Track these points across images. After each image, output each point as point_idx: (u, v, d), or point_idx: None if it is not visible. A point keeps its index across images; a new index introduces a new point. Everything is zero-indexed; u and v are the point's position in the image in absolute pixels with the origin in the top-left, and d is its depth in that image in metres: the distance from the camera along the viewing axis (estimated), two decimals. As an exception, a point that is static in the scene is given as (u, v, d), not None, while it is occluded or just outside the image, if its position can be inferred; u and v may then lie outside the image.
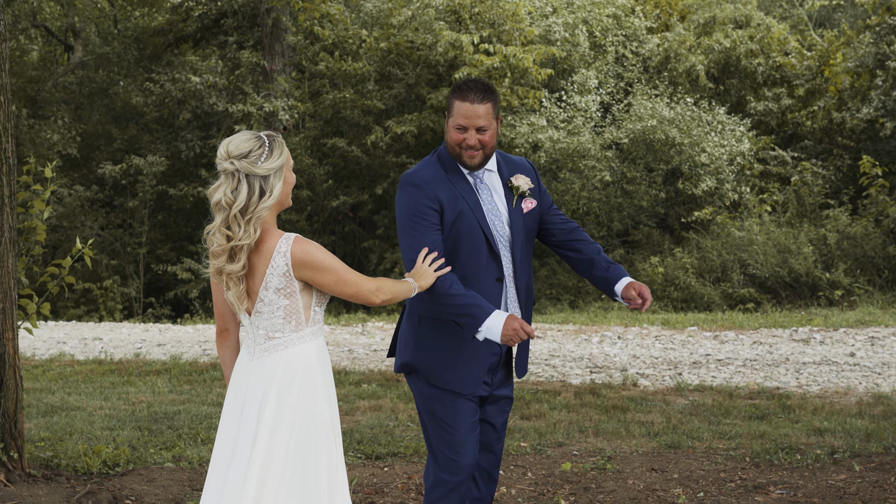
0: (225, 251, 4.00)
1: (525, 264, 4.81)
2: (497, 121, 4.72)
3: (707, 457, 7.89)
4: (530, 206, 4.82)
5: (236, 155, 3.99)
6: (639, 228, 23.41)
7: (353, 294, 4.10)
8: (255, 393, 4.03)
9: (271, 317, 4.04)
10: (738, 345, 15.13)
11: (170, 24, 27.59)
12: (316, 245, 4.06)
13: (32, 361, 13.96)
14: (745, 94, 25.62)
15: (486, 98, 4.65)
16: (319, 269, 4.02)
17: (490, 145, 4.70)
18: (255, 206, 3.98)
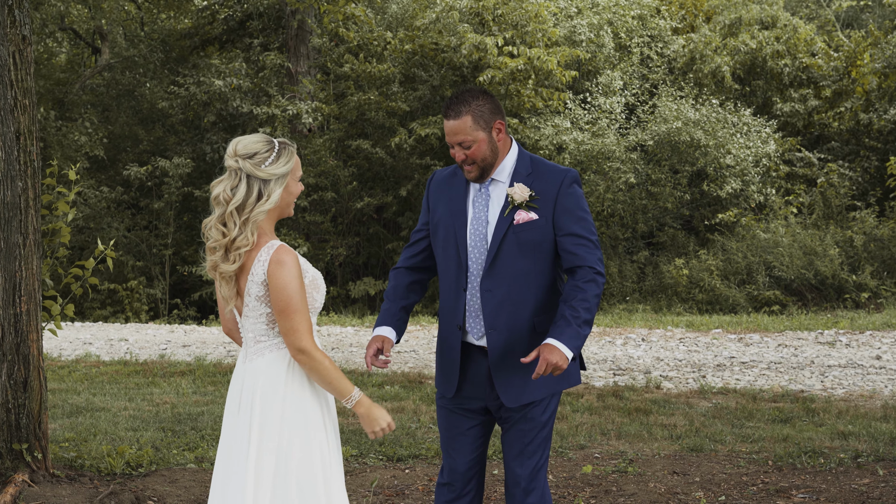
0: (220, 248, 4.01)
1: (509, 277, 4.51)
2: (488, 130, 4.50)
3: (729, 460, 7.86)
4: (526, 218, 4.50)
5: (242, 154, 4.01)
6: (664, 230, 23.35)
7: (286, 331, 3.96)
8: (247, 395, 4.05)
9: (256, 321, 4.05)
10: (763, 347, 15.05)
11: (195, 27, 27.73)
12: (293, 262, 3.98)
13: (59, 362, 14.05)
14: (771, 96, 25.50)
15: (461, 112, 4.46)
16: (276, 287, 3.95)
17: (480, 157, 4.50)
18: (251, 208, 3.98)
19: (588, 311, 4.38)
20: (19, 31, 6.25)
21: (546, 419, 4.59)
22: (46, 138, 24.59)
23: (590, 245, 4.48)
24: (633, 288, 22.10)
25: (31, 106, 6.33)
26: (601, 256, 4.50)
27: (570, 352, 4.33)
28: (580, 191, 4.56)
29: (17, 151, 6.20)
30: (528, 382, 4.51)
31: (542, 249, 4.52)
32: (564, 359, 4.30)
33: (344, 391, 4.00)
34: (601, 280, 4.45)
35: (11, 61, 6.20)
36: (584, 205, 4.56)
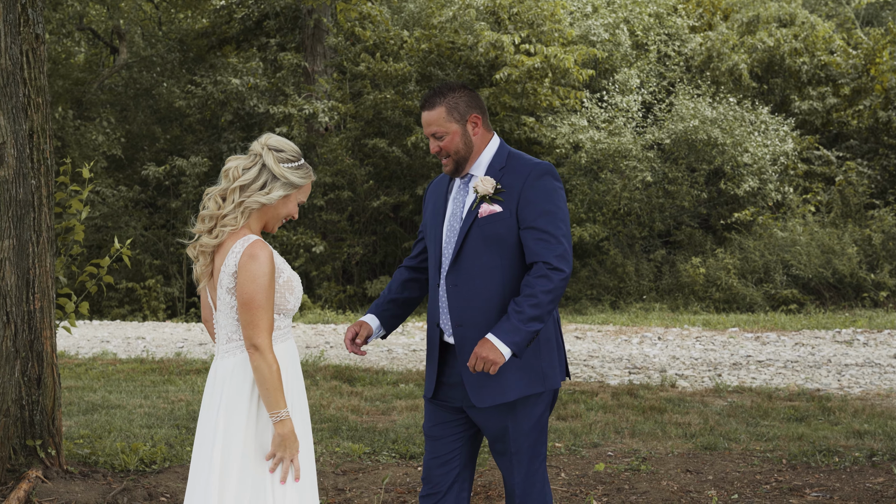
0: (212, 219, 4.04)
1: (474, 271, 4.41)
2: (462, 123, 4.44)
3: (743, 458, 7.83)
4: (489, 211, 4.39)
5: (271, 146, 4.07)
6: (681, 229, 23.29)
7: (245, 324, 3.91)
8: (215, 395, 4.05)
9: (227, 318, 4.03)
10: (780, 346, 15.00)
11: (213, 27, 27.80)
12: (265, 258, 3.95)
13: (76, 360, 14.11)
14: (789, 94, 25.39)
15: (436, 103, 4.43)
16: (244, 279, 3.93)
17: (453, 150, 4.44)
18: (250, 193, 4.02)
19: (535, 307, 4.22)
20: (32, 29, 6.28)
21: (529, 428, 4.46)
22: (64, 138, 24.70)
23: (550, 240, 4.31)
24: (649, 287, 22.05)
25: (44, 104, 6.36)
26: (563, 252, 4.31)
27: (507, 347, 4.19)
28: (553, 184, 4.41)
29: (31, 149, 6.23)
30: (496, 383, 4.38)
31: (506, 244, 4.39)
32: (497, 353, 4.17)
33: (276, 403, 3.93)
34: (557, 276, 4.26)
35: (24, 60, 6.23)
36: (555, 198, 4.39)
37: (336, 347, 15.43)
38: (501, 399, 4.39)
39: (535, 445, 4.48)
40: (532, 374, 4.42)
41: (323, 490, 6.94)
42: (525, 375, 4.41)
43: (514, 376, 4.38)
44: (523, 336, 4.20)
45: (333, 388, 11.38)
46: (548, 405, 4.52)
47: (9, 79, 6.13)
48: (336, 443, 8.39)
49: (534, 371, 4.43)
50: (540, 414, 4.47)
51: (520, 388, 4.40)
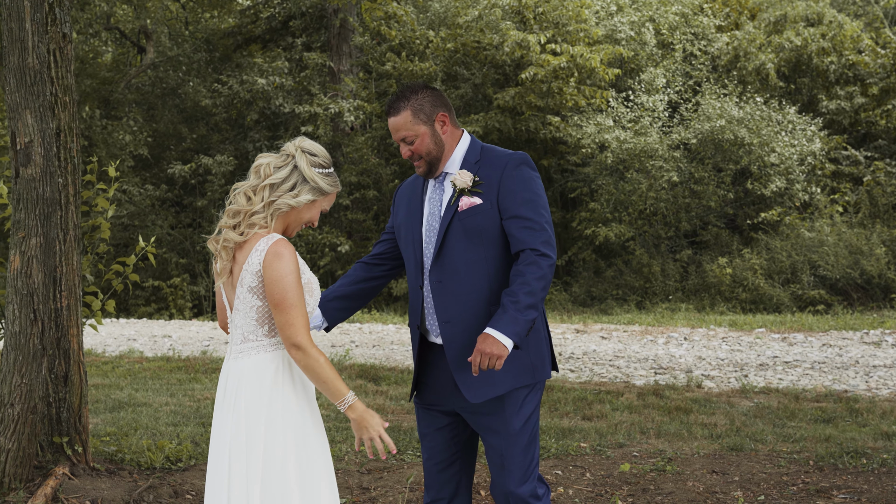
0: (239, 214, 3.99)
1: (459, 266, 4.38)
2: (430, 123, 4.40)
3: (770, 460, 7.78)
4: (469, 203, 4.36)
5: (305, 149, 4.05)
6: (707, 229, 23.19)
7: (282, 325, 3.87)
8: (230, 396, 3.99)
9: (246, 317, 3.98)
10: (807, 347, 14.91)
11: (239, 26, 27.90)
12: (291, 257, 3.91)
13: (103, 358, 14.18)
14: (816, 93, 25.24)
15: (400, 108, 4.40)
16: (272, 279, 3.88)
17: (425, 151, 4.41)
18: (280, 194, 3.99)
19: (529, 294, 4.17)
20: (59, 28, 6.31)
21: (519, 427, 4.39)
22: (92, 137, 24.84)
23: (534, 227, 4.29)
24: (675, 287, 21.97)
25: (70, 103, 6.39)
26: (548, 238, 4.29)
27: (508, 339, 4.13)
28: (530, 173, 4.40)
29: (57, 148, 6.26)
30: (489, 376, 4.34)
31: (489, 235, 4.35)
32: (500, 347, 4.11)
33: (337, 392, 3.87)
34: (545, 262, 4.23)
35: (52, 59, 6.26)
36: (534, 186, 4.37)
37: (361, 346, 15.45)
38: (494, 392, 4.35)
39: (528, 445, 4.42)
40: (521, 366, 4.38)
41: (347, 489, 6.94)
42: (515, 368, 4.36)
43: (505, 369, 4.34)
44: (522, 325, 4.15)
45: (359, 386, 11.39)
46: (539, 397, 4.49)
47: (36, 78, 6.17)
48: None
49: (523, 363, 4.39)
50: (531, 411, 4.43)
51: (510, 380, 4.36)
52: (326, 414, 9.78)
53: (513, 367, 4.35)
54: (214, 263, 4.07)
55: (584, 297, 22.82)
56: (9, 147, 6.34)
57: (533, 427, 4.44)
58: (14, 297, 6.16)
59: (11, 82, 6.16)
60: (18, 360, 6.15)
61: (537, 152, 25.22)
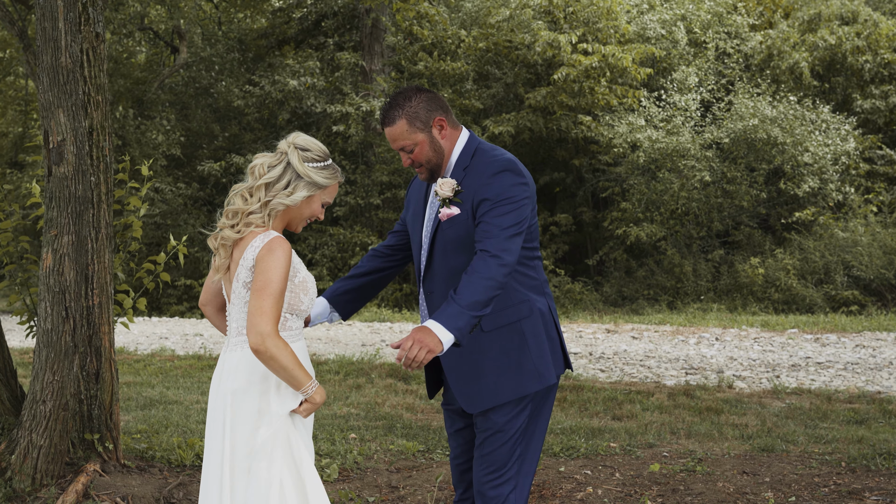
0: (237, 214, 4.02)
1: (445, 276, 4.27)
2: (427, 130, 4.26)
3: (801, 461, 7.72)
4: (448, 214, 4.23)
5: (297, 144, 4.04)
6: (739, 229, 23.06)
7: (253, 310, 3.82)
8: (222, 386, 4.03)
9: (241, 312, 4.01)
10: (840, 348, 14.79)
11: (271, 27, 28.00)
12: (283, 253, 3.90)
13: (135, 356, 14.27)
14: (851, 92, 25.04)
15: (395, 117, 4.24)
16: (260, 269, 3.87)
17: (425, 159, 4.28)
18: (275, 194, 3.99)
19: (472, 292, 3.94)
20: (93, 28, 6.35)
21: (513, 429, 4.24)
22: (125, 136, 25.00)
23: (493, 231, 4.06)
24: (707, 287, 21.86)
25: (103, 102, 6.43)
26: (504, 240, 4.04)
27: (448, 333, 3.89)
28: (510, 179, 4.16)
29: (90, 146, 6.30)
30: (485, 386, 4.22)
31: (470, 246, 4.19)
32: (435, 341, 3.86)
33: (299, 382, 3.86)
34: (495, 262, 3.98)
35: (85, 58, 6.30)
36: (510, 193, 4.13)
37: (391, 345, 15.45)
38: (493, 402, 4.23)
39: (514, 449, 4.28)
40: (526, 372, 4.25)
41: (376, 487, 6.95)
42: (517, 375, 4.24)
43: (505, 376, 4.23)
44: (466, 321, 3.92)
45: (388, 385, 11.41)
46: (536, 407, 4.30)
47: (69, 76, 6.21)
48: (390, 440, 8.40)
49: (527, 369, 4.25)
50: (525, 418, 4.28)
51: (511, 389, 4.24)
52: (356, 413, 9.80)
53: (516, 374, 4.24)
54: (214, 260, 4.08)
55: (615, 297, 22.74)
56: (42, 146, 6.38)
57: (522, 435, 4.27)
58: (46, 294, 6.21)
59: (45, 81, 6.21)
60: (50, 357, 6.20)
61: (569, 152, 25.17)
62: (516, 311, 4.25)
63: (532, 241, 4.31)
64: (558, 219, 24.35)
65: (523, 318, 4.24)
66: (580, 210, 25.11)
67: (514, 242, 4.08)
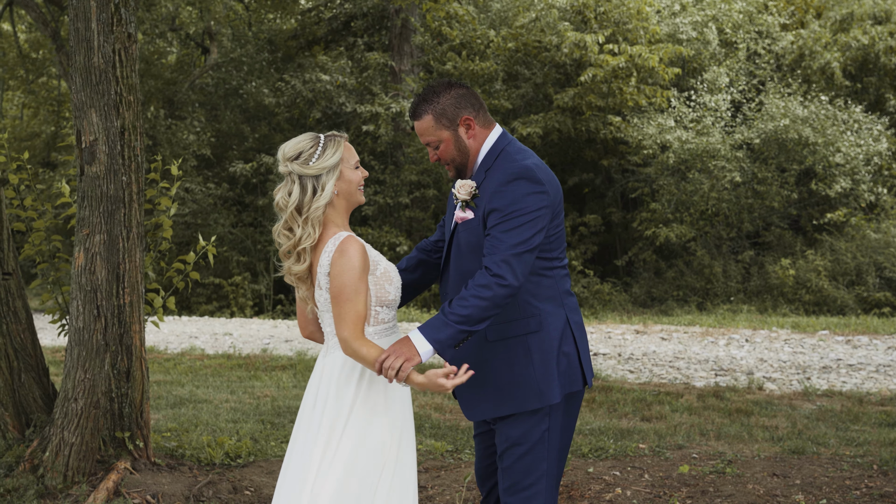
0: (291, 251, 4.05)
1: (458, 280, 4.18)
2: (453, 128, 4.15)
3: (832, 463, 7.67)
4: (462, 217, 4.13)
5: (290, 157, 4.03)
6: (770, 230, 22.93)
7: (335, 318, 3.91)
8: (322, 390, 4.06)
9: (330, 316, 4.04)
10: (872, 350, 14.68)
11: (301, 27, 28.08)
12: (355, 252, 3.92)
13: (165, 355, 14.35)
14: (884, 92, 24.84)
15: (422, 112, 4.15)
16: (334, 274, 3.92)
17: (449, 158, 4.18)
18: (308, 206, 3.99)
19: (463, 307, 3.85)
20: (125, 28, 6.39)
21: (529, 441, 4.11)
22: (156, 137, 25.14)
23: (499, 245, 3.92)
24: (737, 288, 21.75)
25: (135, 102, 6.46)
26: (509, 258, 3.89)
27: (427, 343, 3.84)
28: (525, 187, 3.98)
29: (122, 146, 6.34)
30: (484, 395, 4.14)
31: (481, 252, 4.06)
32: (412, 351, 3.83)
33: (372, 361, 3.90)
34: (495, 282, 3.86)
35: (117, 58, 6.34)
36: (523, 203, 3.96)
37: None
38: (492, 413, 4.13)
39: (533, 462, 4.13)
40: (527, 388, 4.09)
41: (405, 487, 6.95)
42: (517, 389, 4.10)
43: (505, 389, 4.12)
44: (449, 334, 3.85)
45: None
46: (554, 420, 4.16)
47: (101, 77, 6.25)
48: (419, 440, 8.41)
49: (528, 385, 4.09)
50: (542, 432, 4.13)
51: (510, 403, 4.12)
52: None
53: (518, 389, 4.11)
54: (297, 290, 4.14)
55: (645, 298, 22.67)
56: (74, 145, 6.43)
57: (541, 449, 4.14)
58: (78, 293, 6.25)
59: (77, 81, 6.25)
60: (82, 355, 6.24)
61: (598, 152, 25.10)
62: (523, 325, 4.11)
63: (553, 251, 4.14)
64: (587, 219, 24.29)
65: (530, 332, 4.09)
66: (609, 211, 25.04)
67: (522, 261, 3.93)
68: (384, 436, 4.02)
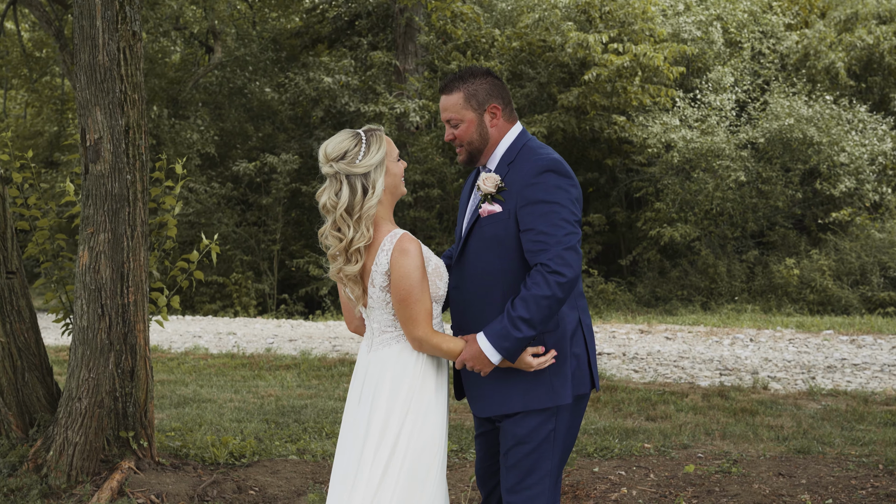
0: (341, 252, 4.00)
1: (475, 274, 4.13)
2: (480, 112, 4.15)
3: (838, 463, 7.65)
4: (489, 211, 4.09)
5: (334, 157, 3.97)
6: (774, 229, 22.89)
7: (404, 320, 3.93)
8: (370, 385, 4.05)
9: (382, 312, 4.03)
10: (877, 349, 14.65)
11: (305, 26, 28.07)
12: (415, 251, 3.92)
13: (168, 354, 14.34)
14: (888, 92, 24.80)
15: (454, 87, 4.15)
16: (398, 276, 3.91)
17: (467, 140, 4.16)
18: (360, 206, 3.94)
19: (526, 309, 3.87)
20: (129, 27, 6.38)
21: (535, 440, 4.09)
22: (160, 136, 25.14)
23: (548, 240, 3.90)
24: (741, 287, 21.71)
25: (140, 101, 6.45)
26: (561, 254, 3.88)
27: (496, 353, 3.92)
28: (556, 180, 3.98)
29: (126, 145, 6.32)
30: (496, 392, 4.11)
31: (507, 246, 4.05)
32: (480, 354, 3.94)
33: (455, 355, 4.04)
34: (554, 279, 3.87)
35: (121, 56, 6.32)
36: (557, 196, 3.96)
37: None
38: (500, 410, 4.12)
39: (537, 461, 4.11)
40: (539, 386, 4.08)
41: (409, 486, 6.93)
42: (531, 388, 4.08)
43: (517, 387, 4.10)
44: (514, 342, 3.91)
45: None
46: (561, 420, 4.14)
47: (106, 75, 6.24)
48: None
49: (541, 384, 4.08)
50: (548, 431, 4.10)
51: (521, 400, 4.09)
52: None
53: (530, 386, 4.09)
54: (348, 293, 4.11)
55: (649, 298, 22.64)
56: (79, 143, 6.41)
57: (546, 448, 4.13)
58: (82, 292, 6.24)
59: (82, 79, 6.24)
60: (86, 354, 6.22)
61: (602, 152, 25.08)
62: None
63: None
64: (591, 219, 24.27)
65: (547, 331, 4.08)
66: (613, 210, 25.02)
67: (575, 251, 3.93)
68: (436, 431, 4.04)
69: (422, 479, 3.98)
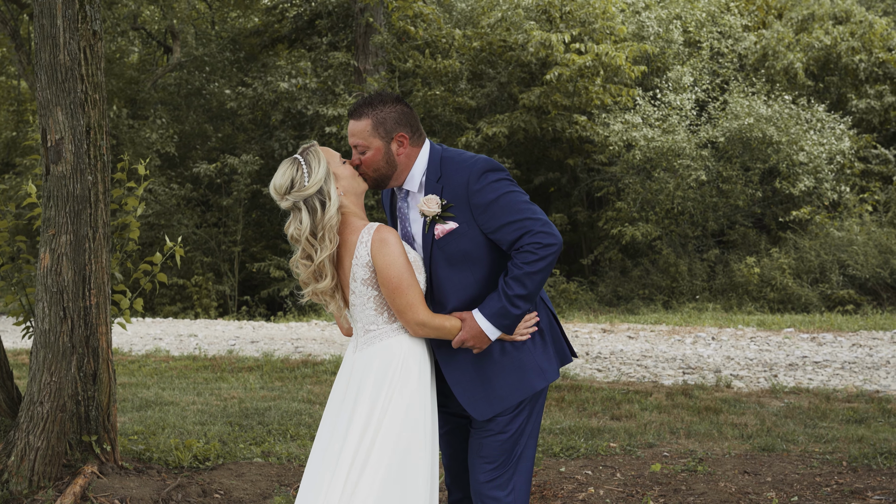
0: (310, 275, 4.07)
1: (449, 296, 4.17)
2: (387, 140, 4.17)
3: (802, 460, 7.70)
4: (445, 230, 4.12)
5: (284, 190, 4.07)
6: (734, 228, 23.04)
7: (401, 308, 3.98)
8: (354, 384, 4.08)
9: (364, 309, 4.07)
10: (837, 347, 14.77)
11: (265, 25, 27.93)
12: (396, 240, 3.98)
13: (129, 357, 14.21)
14: (845, 92, 25.03)
15: (363, 114, 4.16)
16: (383, 266, 3.97)
17: (374, 167, 4.18)
18: (321, 222, 4.03)
19: (523, 286, 4.00)
20: (90, 26, 6.31)
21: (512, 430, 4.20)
22: (119, 136, 24.92)
23: (525, 223, 4.03)
24: (702, 286, 21.84)
25: (101, 101, 6.38)
26: (543, 228, 4.02)
27: (495, 329, 4.05)
28: (494, 176, 4.09)
29: (87, 145, 6.25)
30: (492, 391, 4.16)
31: (475, 257, 4.14)
32: (480, 333, 4.05)
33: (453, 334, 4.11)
34: (545, 252, 4.01)
35: (82, 56, 6.25)
36: (504, 187, 4.08)
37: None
38: (502, 406, 4.17)
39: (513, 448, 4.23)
40: (528, 370, 4.19)
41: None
42: (521, 374, 4.18)
43: (510, 378, 4.17)
44: (511, 318, 4.06)
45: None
46: (538, 404, 4.28)
47: (67, 75, 6.16)
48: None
49: (529, 367, 4.19)
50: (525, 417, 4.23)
51: (517, 390, 4.19)
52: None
53: (521, 374, 4.17)
54: (330, 308, 4.17)
55: (611, 297, 22.72)
56: (39, 144, 6.33)
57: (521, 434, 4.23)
58: (44, 294, 6.15)
59: (43, 79, 6.15)
60: (48, 358, 6.14)
61: (563, 151, 25.13)
62: None
63: None
64: (553, 218, 24.32)
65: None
66: (575, 210, 25.08)
67: (550, 224, 4.08)
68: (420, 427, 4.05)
69: (410, 477, 3.99)
